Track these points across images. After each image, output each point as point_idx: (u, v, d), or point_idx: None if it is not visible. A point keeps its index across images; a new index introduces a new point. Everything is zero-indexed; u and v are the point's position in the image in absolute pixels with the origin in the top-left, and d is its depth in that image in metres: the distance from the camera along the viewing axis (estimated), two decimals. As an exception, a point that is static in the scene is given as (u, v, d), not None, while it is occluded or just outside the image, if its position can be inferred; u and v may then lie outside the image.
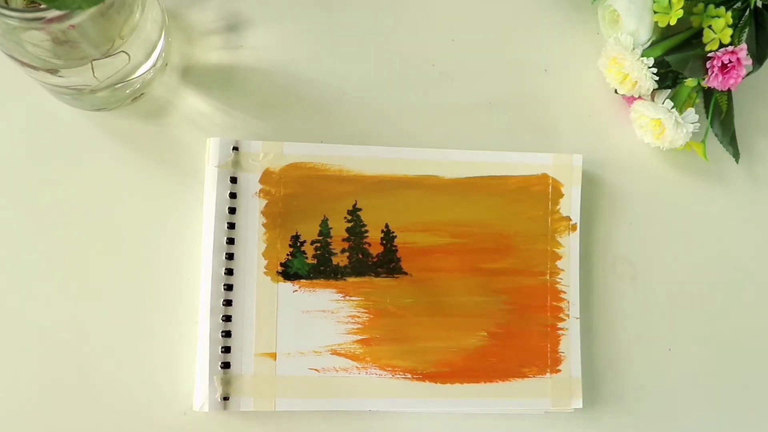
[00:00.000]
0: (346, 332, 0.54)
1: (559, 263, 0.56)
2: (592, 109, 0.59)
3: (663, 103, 0.55)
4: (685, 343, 0.58)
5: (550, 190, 0.57)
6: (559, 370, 0.55)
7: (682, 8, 0.53)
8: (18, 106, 0.53)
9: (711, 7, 0.54)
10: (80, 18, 0.41)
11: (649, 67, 0.53)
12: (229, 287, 0.52)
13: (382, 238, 0.55)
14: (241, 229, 0.53)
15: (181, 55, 0.55)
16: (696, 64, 0.54)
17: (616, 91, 0.57)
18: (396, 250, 0.55)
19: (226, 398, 0.52)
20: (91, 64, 0.46)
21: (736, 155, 0.58)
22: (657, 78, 0.54)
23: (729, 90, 0.56)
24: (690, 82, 0.56)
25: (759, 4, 0.55)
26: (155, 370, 0.52)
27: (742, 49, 0.53)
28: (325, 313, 0.54)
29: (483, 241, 0.56)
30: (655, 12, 0.54)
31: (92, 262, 0.53)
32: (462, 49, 0.58)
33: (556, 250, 0.56)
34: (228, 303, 0.52)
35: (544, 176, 0.57)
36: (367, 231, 0.55)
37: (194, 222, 0.54)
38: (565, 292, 0.56)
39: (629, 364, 0.57)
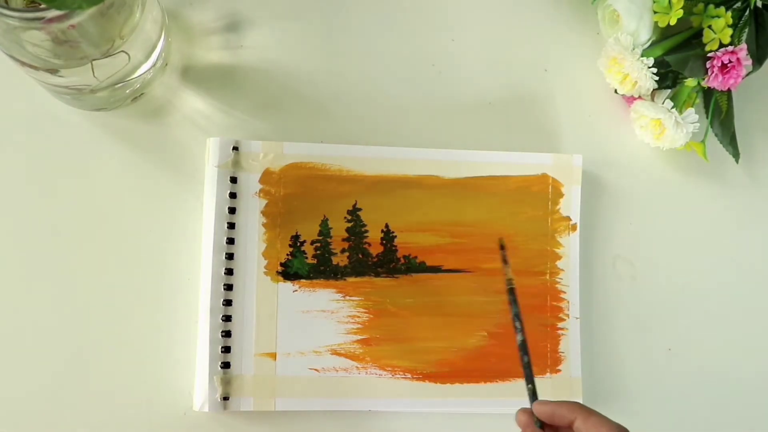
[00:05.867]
0: (346, 332, 0.54)
1: (559, 263, 0.56)
2: (592, 109, 0.59)
3: (663, 103, 0.55)
4: (685, 343, 0.58)
5: (550, 190, 0.57)
6: (559, 370, 0.55)
7: (682, 8, 0.53)
8: (18, 106, 0.53)
9: (711, 7, 0.54)
10: (80, 18, 0.41)
11: (649, 67, 0.53)
12: (229, 287, 0.52)
13: (382, 238, 0.55)
14: (241, 229, 0.53)
15: (181, 55, 0.55)
16: (696, 64, 0.54)
17: (616, 91, 0.57)
18: (396, 250, 0.55)
19: (226, 398, 0.52)
20: (91, 64, 0.46)
21: (736, 155, 0.58)
22: (657, 78, 0.54)
23: (729, 90, 0.56)
24: (690, 82, 0.56)
25: (759, 4, 0.55)
26: (155, 370, 0.52)
27: (742, 49, 0.53)
28: (325, 313, 0.54)
29: (483, 241, 0.56)
30: (655, 12, 0.54)
31: (92, 262, 0.53)
32: (462, 49, 0.58)
33: (556, 250, 0.56)
34: (228, 303, 0.52)
35: (544, 176, 0.57)
36: (367, 231, 0.55)
37: (194, 222, 0.54)
38: (565, 292, 0.56)
39: (629, 364, 0.57)
